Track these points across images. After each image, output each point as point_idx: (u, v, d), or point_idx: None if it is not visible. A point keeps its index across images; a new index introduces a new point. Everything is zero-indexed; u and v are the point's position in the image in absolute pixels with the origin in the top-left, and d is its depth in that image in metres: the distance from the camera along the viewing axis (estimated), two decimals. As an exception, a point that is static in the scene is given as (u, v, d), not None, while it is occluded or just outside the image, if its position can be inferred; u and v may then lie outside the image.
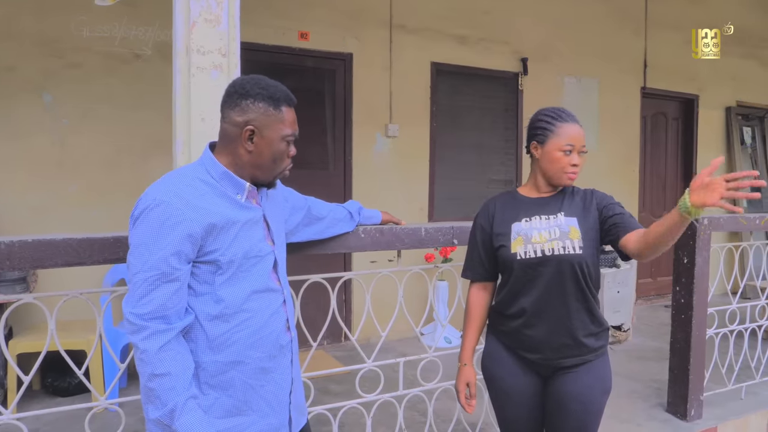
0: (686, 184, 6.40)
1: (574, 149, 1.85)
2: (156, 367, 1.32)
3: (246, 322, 1.44)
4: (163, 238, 1.33)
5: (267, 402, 1.50)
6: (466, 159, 5.28)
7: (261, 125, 1.43)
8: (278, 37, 4.36)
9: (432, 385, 2.52)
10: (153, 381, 1.32)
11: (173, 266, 1.34)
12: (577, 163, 1.86)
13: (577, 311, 1.85)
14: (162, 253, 1.33)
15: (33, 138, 3.69)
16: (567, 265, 1.81)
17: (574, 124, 1.87)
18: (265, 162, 1.46)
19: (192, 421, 1.34)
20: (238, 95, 1.43)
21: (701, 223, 3.14)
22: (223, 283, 1.42)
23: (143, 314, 1.32)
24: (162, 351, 1.32)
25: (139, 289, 1.33)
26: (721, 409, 3.34)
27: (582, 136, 1.87)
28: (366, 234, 2.14)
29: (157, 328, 1.33)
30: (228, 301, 1.42)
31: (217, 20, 1.89)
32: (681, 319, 3.21)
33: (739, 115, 7.07)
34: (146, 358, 1.32)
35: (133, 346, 1.34)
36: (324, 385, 3.67)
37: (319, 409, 2.31)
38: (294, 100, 1.49)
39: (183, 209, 1.35)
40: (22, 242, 1.70)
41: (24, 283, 3.30)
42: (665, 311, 5.96)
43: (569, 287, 1.83)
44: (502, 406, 1.98)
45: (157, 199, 1.35)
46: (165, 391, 1.32)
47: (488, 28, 5.26)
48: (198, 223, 1.36)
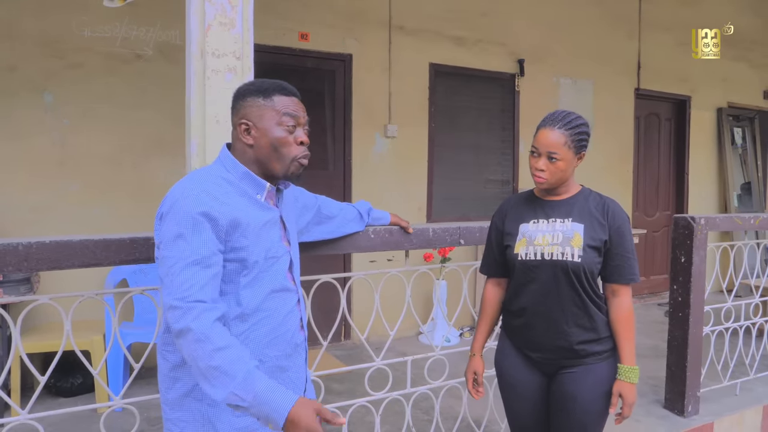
0: (678, 184, 6.47)
1: (538, 153, 1.85)
2: (215, 342, 1.27)
3: (264, 321, 1.47)
4: (197, 229, 1.35)
5: None
6: (463, 159, 5.32)
7: (254, 117, 1.47)
8: (279, 38, 4.38)
9: (439, 382, 2.55)
10: (216, 357, 1.26)
11: (210, 253, 1.35)
12: (540, 168, 1.84)
13: (573, 316, 1.87)
14: (197, 240, 1.34)
15: (34, 138, 3.69)
16: (562, 270, 1.83)
17: (545, 129, 1.85)
18: (266, 151, 1.47)
19: (270, 385, 1.27)
20: (234, 99, 1.51)
21: (698, 222, 3.19)
22: (247, 283, 1.44)
23: (187, 297, 1.31)
24: (215, 326, 1.30)
25: (179, 277, 1.32)
26: (717, 404, 3.40)
27: (550, 142, 1.82)
28: (376, 235, 2.17)
29: (204, 307, 1.31)
30: (249, 301, 1.44)
31: (231, 23, 1.91)
32: (678, 317, 3.26)
33: (730, 116, 7.17)
34: (203, 337, 1.28)
35: (183, 332, 1.29)
36: (327, 384, 3.69)
37: (328, 407, 2.33)
38: (289, 89, 1.51)
39: (211, 204, 1.38)
40: (39, 244, 1.71)
41: (28, 284, 3.30)
42: (659, 309, 6.05)
43: (565, 292, 1.85)
44: (509, 398, 2.04)
45: (185, 194, 1.38)
46: (232, 363, 1.27)
47: (485, 29, 5.31)
48: (225, 218, 1.38)
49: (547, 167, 1.84)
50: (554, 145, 1.82)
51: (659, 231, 6.78)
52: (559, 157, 1.83)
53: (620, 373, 1.89)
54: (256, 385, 1.26)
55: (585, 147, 1.89)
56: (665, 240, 6.70)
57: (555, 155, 1.82)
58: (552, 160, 1.83)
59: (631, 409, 1.88)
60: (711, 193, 7.12)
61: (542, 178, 1.86)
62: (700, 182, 6.96)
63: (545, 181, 1.87)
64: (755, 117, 7.36)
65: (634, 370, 1.88)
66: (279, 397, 1.26)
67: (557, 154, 1.82)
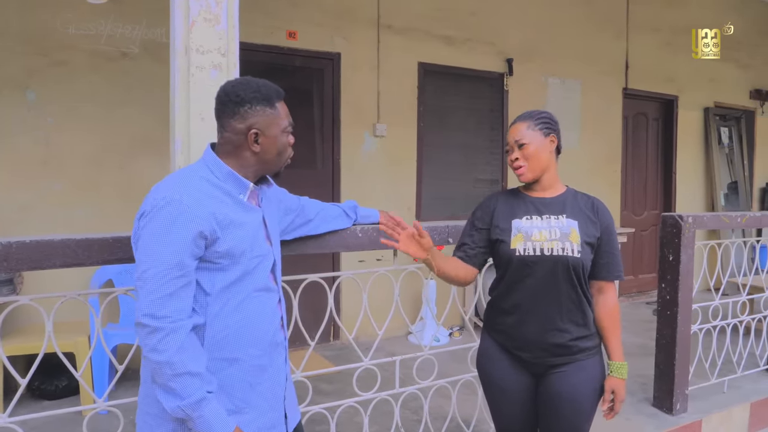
0: (666, 183, 6.48)
1: (511, 147, 1.93)
2: (176, 368, 1.32)
3: (244, 320, 1.47)
4: (174, 235, 1.33)
5: (264, 398, 1.54)
6: (452, 159, 5.31)
7: (263, 126, 1.48)
8: (266, 37, 4.34)
9: (428, 382, 2.53)
10: (174, 381, 1.33)
11: (184, 263, 1.35)
12: (515, 158, 1.91)
13: (569, 312, 1.87)
14: (173, 249, 1.33)
15: (16, 137, 3.63)
16: (562, 266, 1.84)
17: (511, 126, 1.96)
18: (272, 157, 1.52)
19: (212, 413, 1.36)
20: (234, 103, 1.46)
21: (686, 221, 3.20)
22: (230, 282, 1.44)
23: (156, 315, 1.32)
24: (180, 351, 1.33)
25: (149, 286, 1.33)
26: (705, 402, 3.42)
27: (515, 133, 1.92)
28: (363, 233, 2.15)
29: (172, 327, 1.33)
30: (231, 300, 1.45)
31: (216, 19, 1.89)
32: (666, 315, 3.27)
33: (716, 115, 7.22)
34: (165, 360, 1.32)
35: (148, 349, 1.33)
36: (315, 384, 3.66)
37: (317, 409, 2.31)
38: (283, 93, 1.54)
39: (193, 207, 1.36)
40: (19, 243, 1.68)
41: (11, 285, 3.24)
42: (647, 308, 6.07)
43: (563, 287, 1.85)
44: (497, 403, 2.01)
45: (167, 197, 1.36)
46: (186, 388, 1.34)
47: (474, 29, 5.30)
48: (207, 222, 1.37)
49: (520, 155, 1.91)
50: (519, 133, 1.91)
51: (647, 230, 6.82)
52: (527, 141, 1.90)
53: (612, 370, 1.92)
54: (201, 410, 1.35)
55: (552, 131, 1.94)
56: (653, 239, 6.74)
57: (522, 140, 1.91)
58: (521, 146, 1.90)
59: (621, 405, 1.93)
60: (698, 192, 7.17)
61: (521, 168, 1.92)
62: (688, 181, 7.01)
63: (524, 169, 1.91)
64: (741, 117, 7.42)
65: (623, 366, 1.93)
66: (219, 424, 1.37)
67: (524, 139, 1.90)
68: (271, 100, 1.49)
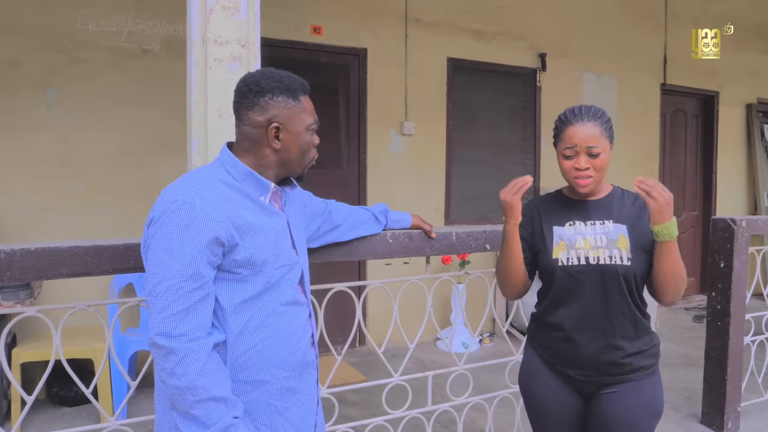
0: (706, 183, 6.18)
1: (576, 151, 1.66)
2: (198, 393, 1.19)
3: (271, 338, 1.32)
4: (189, 242, 1.19)
5: (293, 425, 1.38)
6: (482, 158, 5.11)
7: (285, 120, 1.32)
8: (290, 32, 4.21)
9: (463, 399, 2.36)
10: (196, 408, 1.19)
11: (201, 274, 1.20)
12: (582, 167, 1.64)
13: (621, 326, 1.69)
14: (187, 259, 1.19)
15: (36, 136, 3.55)
16: (612, 276, 1.65)
17: (577, 124, 1.66)
18: (294, 157, 1.37)
19: None
20: (254, 93, 1.31)
21: (739, 224, 2.97)
22: (253, 295, 1.29)
23: (171, 334, 1.18)
24: (202, 374, 1.19)
25: (162, 301, 1.19)
26: (759, 419, 3.19)
27: (588, 135, 1.64)
28: (394, 240, 1.99)
29: (189, 347, 1.18)
30: (255, 316, 1.30)
31: (235, 8, 1.74)
32: (717, 326, 3.05)
33: (759, 112, 6.88)
34: (185, 385, 1.18)
35: (165, 373, 1.19)
36: (341, 394, 3.52)
37: (344, 428, 2.16)
38: (308, 86, 1.39)
39: (208, 211, 1.22)
40: (23, 251, 1.55)
41: (28, 289, 3.16)
42: (686, 314, 5.80)
43: (615, 300, 1.67)
44: (541, 425, 1.84)
45: (179, 201, 1.21)
46: (210, 415, 1.20)
47: (505, 22, 5.10)
48: (224, 226, 1.23)
49: (590, 164, 1.65)
50: (593, 138, 1.65)
51: (686, 232, 6.52)
52: (601, 150, 1.65)
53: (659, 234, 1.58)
54: None
55: (613, 137, 1.72)
56: (692, 242, 6.44)
57: (596, 148, 1.64)
58: (593, 156, 1.65)
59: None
60: (740, 193, 6.84)
61: (588, 179, 1.66)
62: (729, 181, 6.69)
63: (591, 180, 1.67)
64: (786, 113, 7.06)
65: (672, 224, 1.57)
66: None
67: (597, 147, 1.65)
68: (294, 92, 1.33)
